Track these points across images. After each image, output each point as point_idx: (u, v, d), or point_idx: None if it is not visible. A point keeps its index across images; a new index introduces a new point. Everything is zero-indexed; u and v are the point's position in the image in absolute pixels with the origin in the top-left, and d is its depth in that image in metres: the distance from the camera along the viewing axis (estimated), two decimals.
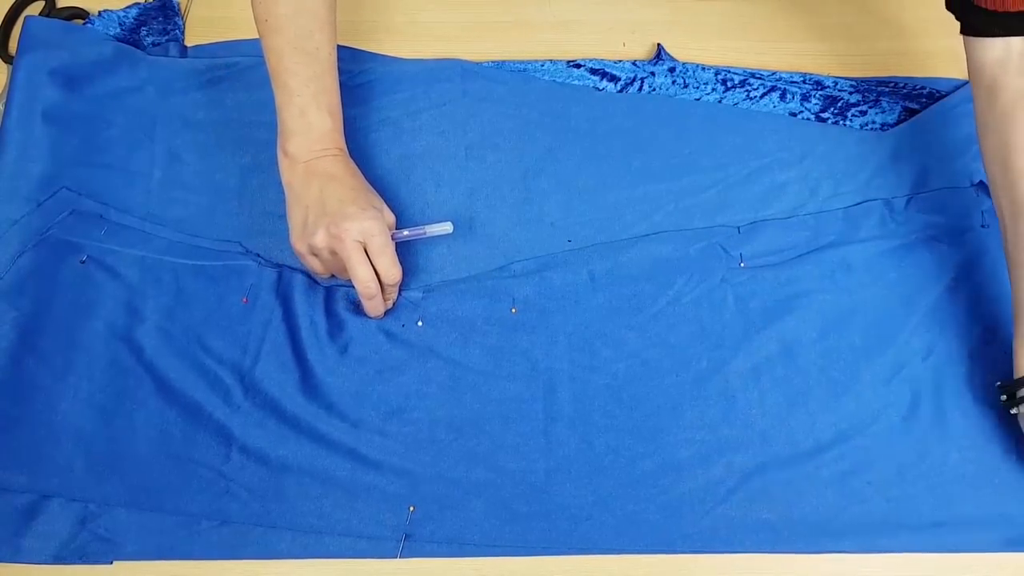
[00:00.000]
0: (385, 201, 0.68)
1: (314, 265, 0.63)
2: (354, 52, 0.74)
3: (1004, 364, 0.64)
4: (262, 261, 0.67)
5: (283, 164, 0.63)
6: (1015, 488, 0.61)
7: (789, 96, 0.72)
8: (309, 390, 0.64)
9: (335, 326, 0.65)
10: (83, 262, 0.67)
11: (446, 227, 0.65)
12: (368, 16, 0.76)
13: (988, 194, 0.68)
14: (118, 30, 0.74)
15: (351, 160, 0.65)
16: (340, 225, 0.59)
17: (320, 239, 0.60)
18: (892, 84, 0.72)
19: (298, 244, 0.62)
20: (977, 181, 0.69)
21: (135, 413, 0.63)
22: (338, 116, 0.64)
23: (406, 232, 0.64)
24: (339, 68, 0.72)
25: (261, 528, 0.60)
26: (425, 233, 0.65)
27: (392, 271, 0.61)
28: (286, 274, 0.67)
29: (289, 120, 0.62)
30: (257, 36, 0.66)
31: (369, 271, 0.60)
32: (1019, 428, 0.61)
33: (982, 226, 0.68)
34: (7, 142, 0.69)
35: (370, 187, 0.65)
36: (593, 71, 0.74)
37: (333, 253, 0.60)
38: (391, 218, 0.64)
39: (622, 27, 0.76)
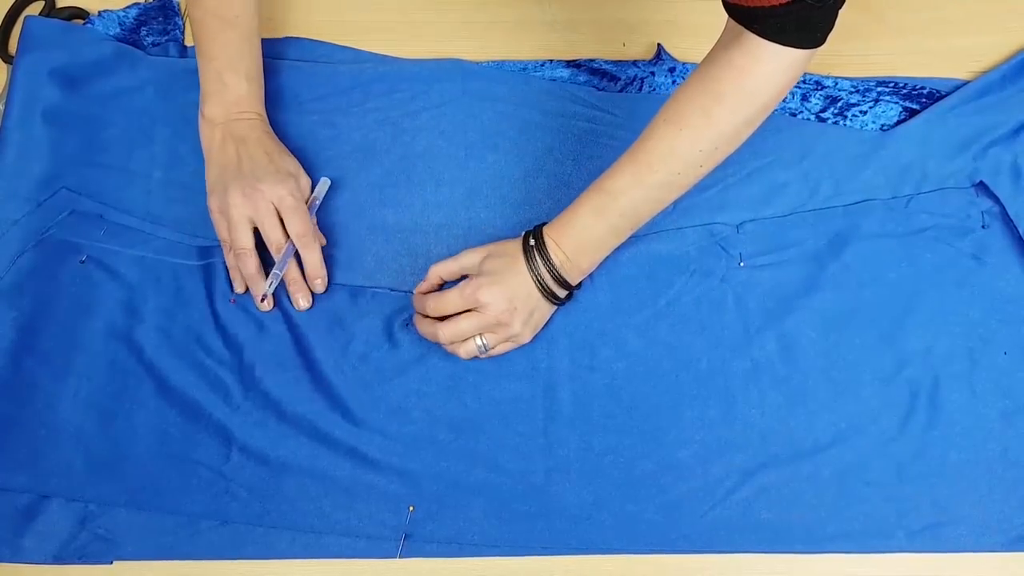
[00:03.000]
0: (384, 202, 0.68)
1: (219, 227, 0.64)
2: (354, 52, 0.74)
3: (1004, 364, 0.64)
4: None
5: (201, 126, 0.66)
6: (1014, 488, 0.61)
7: (789, 96, 0.72)
8: (309, 390, 0.64)
9: (336, 326, 0.66)
10: (83, 262, 0.67)
11: (325, 183, 0.68)
12: (367, 16, 0.76)
13: (988, 194, 0.69)
14: (118, 30, 0.74)
15: (268, 125, 0.67)
16: (255, 187, 0.62)
17: (234, 199, 0.62)
18: (892, 84, 0.72)
19: (211, 202, 0.64)
20: (977, 181, 0.69)
21: (135, 413, 0.63)
22: (256, 81, 0.67)
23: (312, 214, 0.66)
24: (339, 68, 0.73)
25: (261, 528, 0.60)
26: (317, 200, 0.67)
27: (301, 229, 0.63)
28: None
29: (206, 84, 0.65)
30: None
31: (279, 234, 0.63)
32: (1017, 428, 0.61)
33: (982, 227, 0.68)
34: (7, 142, 0.69)
35: (286, 151, 0.67)
36: (593, 71, 0.74)
37: (246, 216, 0.62)
38: (306, 183, 0.67)
39: (622, 27, 0.76)
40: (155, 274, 0.66)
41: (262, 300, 0.64)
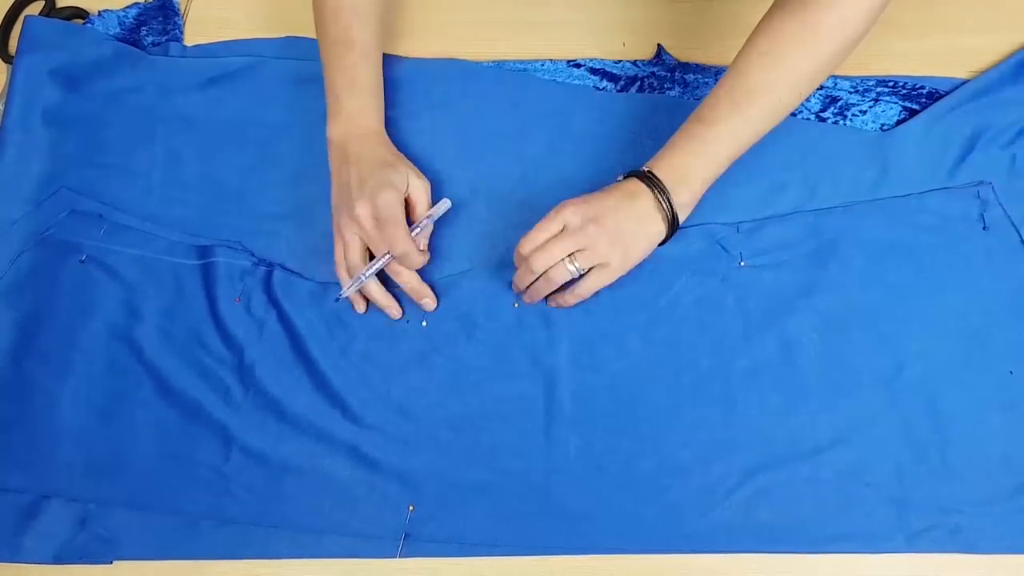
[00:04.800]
0: None
1: (336, 248, 0.64)
2: None
3: (1005, 368, 0.64)
4: (261, 261, 0.67)
5: (328, 148, 0.66)
6: (1013, 489, 0.61)
7: None
8: (309, 389, 0.64)
9: (335, 325, 0.66)
10: (82, 262, 0.67)
11: (445, 204, 0.67)
12: None
13: (989, 195, 0.69)
14: (118, 30, 0.74)
15: (384, 137, 0.66)
16: (353, 207, 0.61)
17: (342, 220, 0.62)
18: (892, 84, 0.72)
19: (334, 221, 0.64)
20: (977, 181, 0.69)
21: (135, 413, 0.63)
22: (371, 96, 0.66)
23: (417, 230, 0.64)
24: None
25: (261, 528, 0.61)
26: (432, 216, 0.66)
27: (392, 245, 0.61)
28: (285, 274, 0.67)
29: (329, 108, 0.66)
30: (256, 37, 0.66)
31: (383, 250, 0.62)
32: (1018, 433, 0.62)
33: (983, 228, 0.68)
34: (7, 142, 0.69)
35: (394, 162, 0.64)
36: (593, 71, 0.74)
37: (355, 236, 0.62)
38: (416, 188, 0.64)
39: (622, 27, 0.76)
40: (155, 274, 0.66)
41: (336, 300, 0.65)
